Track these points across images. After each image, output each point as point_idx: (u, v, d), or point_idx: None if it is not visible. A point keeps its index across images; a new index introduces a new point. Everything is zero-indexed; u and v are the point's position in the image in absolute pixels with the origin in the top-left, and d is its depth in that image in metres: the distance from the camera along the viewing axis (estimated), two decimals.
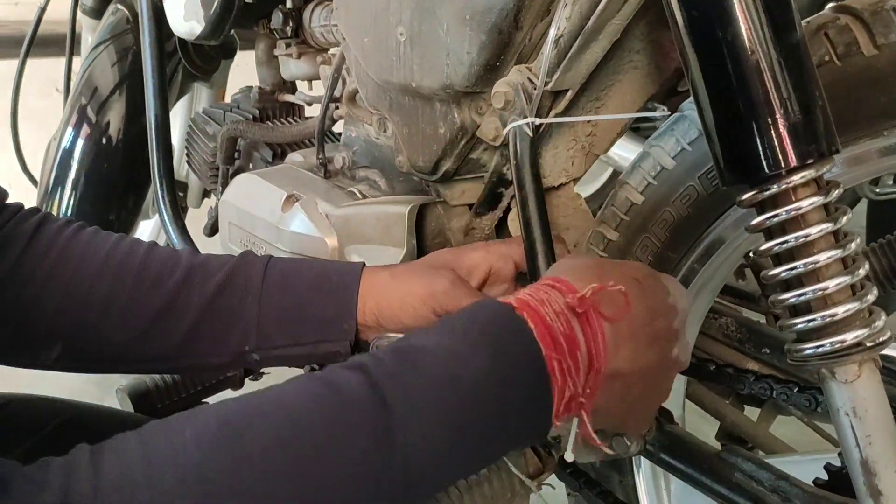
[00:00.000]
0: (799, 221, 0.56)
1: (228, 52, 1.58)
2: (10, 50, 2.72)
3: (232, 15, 1.15)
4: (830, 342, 0.56)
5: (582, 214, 0.86)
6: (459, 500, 0.69)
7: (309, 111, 1.34)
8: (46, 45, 1.87)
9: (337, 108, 1.06)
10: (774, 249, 0.57)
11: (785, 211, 0.55)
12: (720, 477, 0.69)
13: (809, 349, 0.57)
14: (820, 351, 0.56)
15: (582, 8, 0.68)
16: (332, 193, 1.00)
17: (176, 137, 1.58)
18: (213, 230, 1.32)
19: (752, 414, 1.08)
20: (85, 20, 1.70)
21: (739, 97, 0.55)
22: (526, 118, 0.74)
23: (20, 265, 0.71)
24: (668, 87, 0.81)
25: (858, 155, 0.66)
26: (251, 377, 1.10)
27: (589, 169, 0.85)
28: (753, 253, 0.59)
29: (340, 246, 0.95)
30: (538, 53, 0.75)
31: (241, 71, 1.68)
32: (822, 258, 0.55)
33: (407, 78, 0.81)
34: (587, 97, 0.79)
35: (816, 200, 0.55)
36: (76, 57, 1.73)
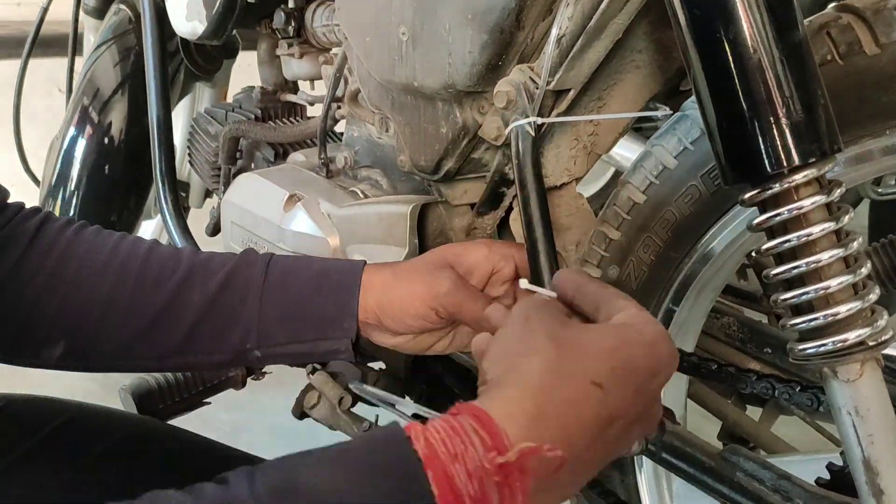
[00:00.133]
0: (801, 220, 0.56)
1: (230, 52, 1.58)
2: (12, 50, 2.73)
3: (234, 15, 1.16)
4: (832, 341, 0.56)
5: (584, 214, 0.86)
6: None
7: (311, 111, 1.34)
8: (49, 45, 1.87)
9: (339, 107, 1.06)
10: (776, 249, 0.57)
11: (787, 210, 0.56)
12: (722, 476, 0.69)
13: (811, 348, 0.57)
14: (822, 350, 0.56)
15: (584, 7, 0.68)
16: (334, 193, 1.00)
17: (178, 137, 1.58)
18: (215, 230, 1.32)
19: (753, 414, 1.08)
20: (87, 20, 1.70)
21: (742, 96, 0.55)
22: (528, 117, 0.74)
23: (22, 265, 0.71)
24: (670, 86, 0.81)
25: (860, 154, 0.66)
26: (253, 377, 1.10)
27: (591, 168, 0.86)
28: (756, 252, 0.59)
29: (342, 245, 0.95)
30: (540, 53, 0.75)
31: (242, 71, 1.68)
32: (824, 257, 0.55)
33: (409, 77, 0.81)
34: (589, 97, 0.79)
35: (818, 199, 0.55)
36: (78, 57, 1.73)
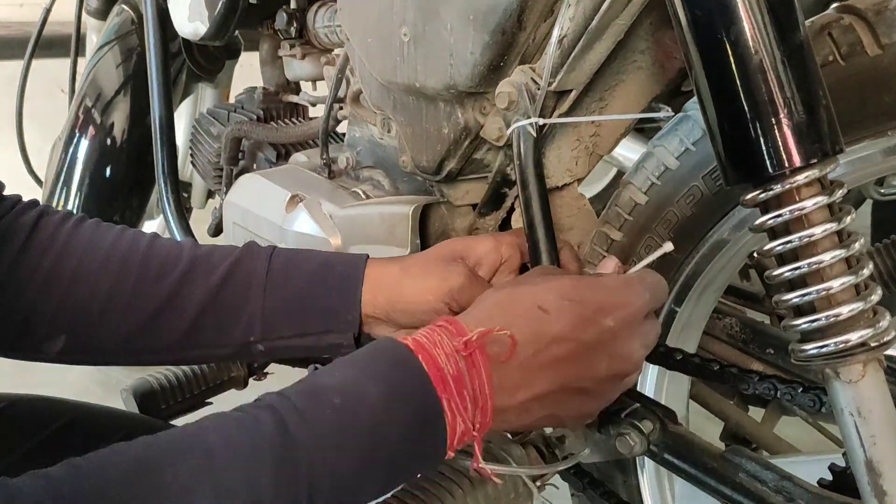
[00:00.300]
0: (803, 221, 0.56)
1: (232, 52, 1.59)
2: (15, 51, 2.74)
3: (236, 16, 1.16)
4: (835, 342, 0.56)
5: (586, 215, 0.86)
6: (462, 499, 0.69)
7: (313, 112, 1.34)
8: (51, 45, 1.87)
9: (341, 108, 1.06)
10: (778, 249, 0.57)
11: (789, 211, 0.55)
12: (724, 477, 0.68)
13: (813, 349, 0.57)
14: (824, 351, 0.56)
15: (585, 8, 0.68)
16: (336, 194, 1.00)
17: (180, 138, 1.58)
18: (217, 230, 1.32)
19: (755, 415, 1.08)
20: (90, 21, 1.70)
21: (743, 97, 0.55)
22: (529, 118, 0.74)
23: (21, 260, 0.71)
24: (671, 87, 0.81)
25: (862, 155, 0.66)
26: (255, 377, 1.10)
27: (592, 169, 0.86)
28: (758, 253, 0.59)
29: (344, 246, 0.95)
30: (542, 54, 0.75)
31: (244, 72, 1.68)
32: (826, 258, 0.55)
33: (411, 78, 0.81)
34: (591, 97, 0.79)
35: (820, 200, 0.55)
36: (81, 58, 1.73)
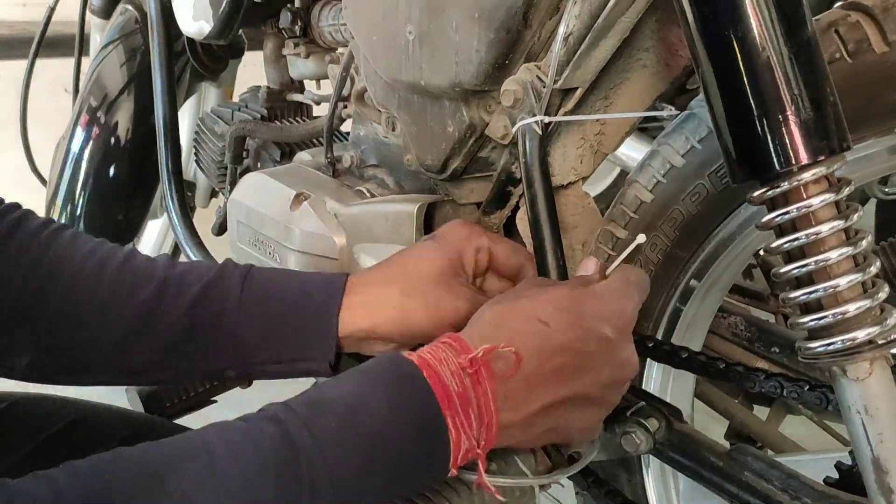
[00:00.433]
0: (810, 218, 0.55)
1: (236, 51, 1.58)
2: (19, 50, 2.74)
3: (240, 14, 1.16)
4: (842, 339, 0.55)
5: (590, 213, 0.86)
6: (469, 498, 0.69)
7: (317, 110, 1.34)
8: (55, 45, 1.87)
9: (345, 106, 1.06)
10: (785, 247, 0.57)
11: (796, 208, 0.55)
12: (730, 476, 0.68)
13: (820, 347, 0.56)
14: (831, 348, 0.56)
15: (591, 5, 0.68)
16: (340, 192, 1.00)
17: (184, 137, 1.58)
18: (221, 229, 1.33)
19: (760, 414, 1.07)
20: (94, 20, 1.70)
21: (750, 94, 0.54)
22: (535, 116, 0.74)
23: None
24: (677, 85, 0.81)
25: (868, 153, 0.66)
26: None
27: (597, 168, 0.85)
28: (764, 250, 0.59)
29: (349, 244, 0.95)
30: (547, 51, 0.74)
31: (248, 71, 1.68)
32: (833, 255, 0.55)
33: (416, 76, 0.81)
34: (596, 95, 0.79)
35: (828, 197, 0.55)
36: (85, 57, 1.73)
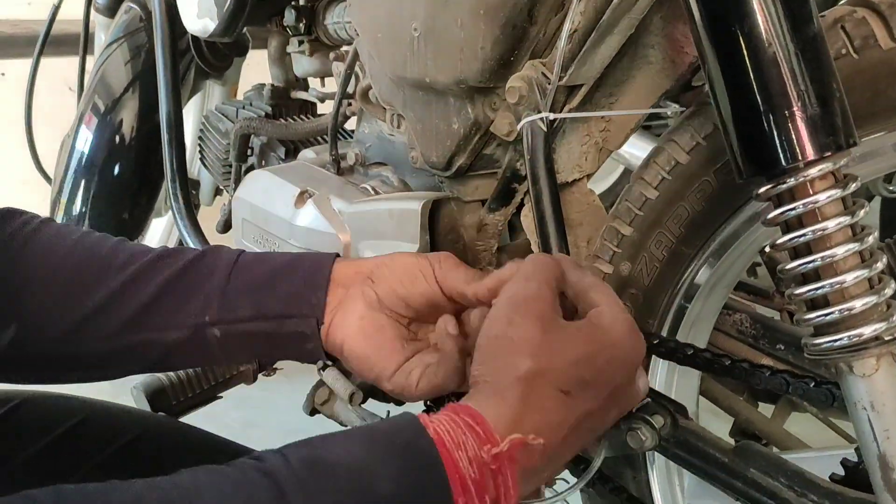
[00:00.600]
0: (816, 215, 0.55)
1: (241, 49, 1.59)
2: (23, 49, 2.74)
3: (245, 12, 1.16)
4: (848, 336, 0.55)
5: (595, 211, 0.86)
6: None
7: (321, 108, 1.34)
8: (60, 43, 1.88)
9: (350, 104, 1.06)
10: (791, 243, 0.57)
11: (802, 204, 0.55)
12: (736, 472, 0.68)
13: (826, 343, 0.56)
14: (837, 345, 0.56)
15: (597, 2, 0.68)
16: (345, 190, 1.00)
17: (189, 135, 1.58)
18: (226, 227, 1.33)
19: (765, 411, 1.07)
20: (98, 19, 1.70)
21: (757, 90, 0.54)
22: (540, 113, 0.74)
23: None
24: (682, 82, 0.81)
25: (874, 149, 0.66)
26: (264, 373, 1.10)
27: (601, 165, 0.85)
28: (770, 246, 0.59)
29: (353, 242, 0.95)
30: (552, 48, 0.74)
31: (253, 69, 1.68)
32: (839, 252, 0.55)
33: (421, 73, 0.81)
34: (601, 92, 0.78)
35: (834, 193, 0.55)
36: (89, 55, 1.73)
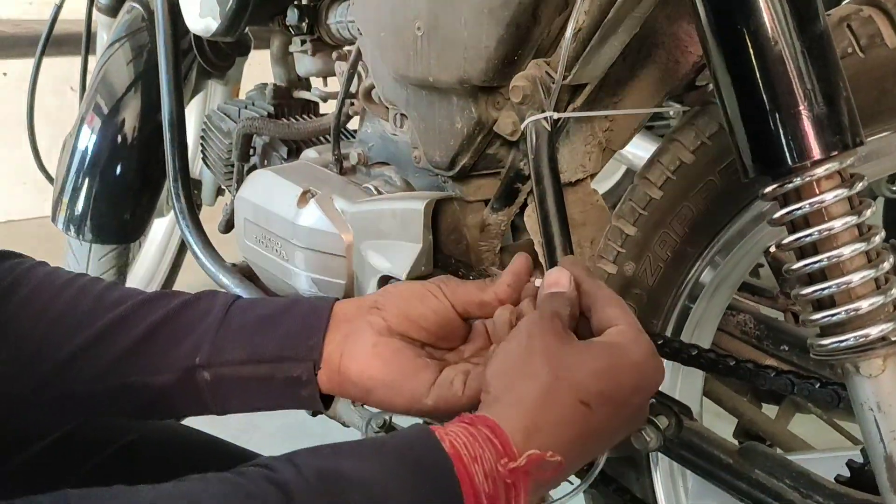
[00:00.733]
0: (822, 214, 0.55)
1: (243, 49, 1.58)
2: (26, 49, 2.74)
3: (247, 12, 1.16)
4: (854, 336, 0.55)
5: (598, 211, 0.86)
6: None
7: (324, 107, 1.34)
8: (62, 43, 1.88)
9: (352, 104, 1.06)
10: (797, 243, 0.56)
11: (808, 204, 0.55)
12: (740, 474, 0.68)
13: (833, 343, 0.56)
14: (843, 345, 0.56)
15: (601, 1, 0.68)
16: (347, 189, 1.00)
17: (191, 135, 1.58)
18: (228, 227, 1.32)
19: (769, 412, 1.07)
20: (100, 18, 1.70)
21: (763, 89, 0.54)
22: (544, 113, 0.74)
23: None
24: (686, 81, 0.80)
25: (880, 148, 0.66)
26: None
27: (605, 165, 0.85)
28: (776, 246, 0.59)
29: (356, 242, 0.95)
30: (556, 47, 0.74)
31: (255, 69, 1.68)
32: (845, 252, 0.55)
33: (424, 72, 0.81)
34: (605, 92, 0.78)
35: (840, 193, 0.55)
36: (92, 55, 1.73)
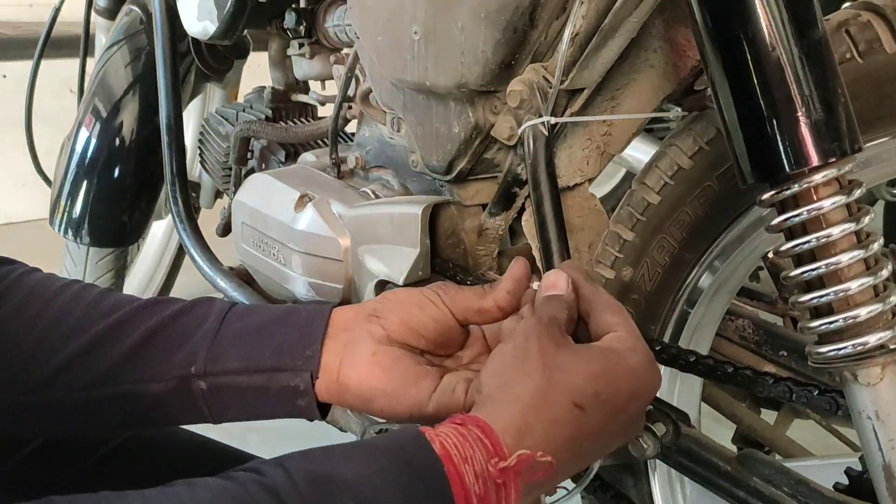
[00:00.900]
0: (820, 221, 0.55)
1: (241, 52, 1.58)
2: (24, 51, 2.74)
3: (245, 15, 1.15)
4: (852, 344, 0.55)
5: (597, 215, 0.85)
6: None
7: (322, 111, 1.34)
8: (60, 45, 1.87)
9: (350, 107, 1.06)
10: (795, 250, 0.56)
11: (806, 211, 0.55)
12: (738, 481, 0.68)
13: (831, 351, 0.56)
14: (842, 353, 0.55)
15: (598, 5, 0.68)
16: (345, 193, 1.00)
17: (189, 138, 1.58)
18: (225, 230, 1.32)
19: (768, 417, 1.06)
20: (99, 21, 1.70)
21: (760, 95, 0.54)
22: (541, 117, 0.73)
23: None
24: (684, 86, 0.80)
25: (879, 154, 0.65)
26: None
27: (604, 169, 0.85)
28: (774, 253, 0.58)
29: (353, 246, 0.94)
30: (554, 52, 0.74)
31: (253, 71, 1.68)
32: (844, 259, 0.55)
33: (421, 76, 0.81)
34: (603, 96, 0.78)
35: (838, 200, 0.54)
36: (90, 58, 1.73)
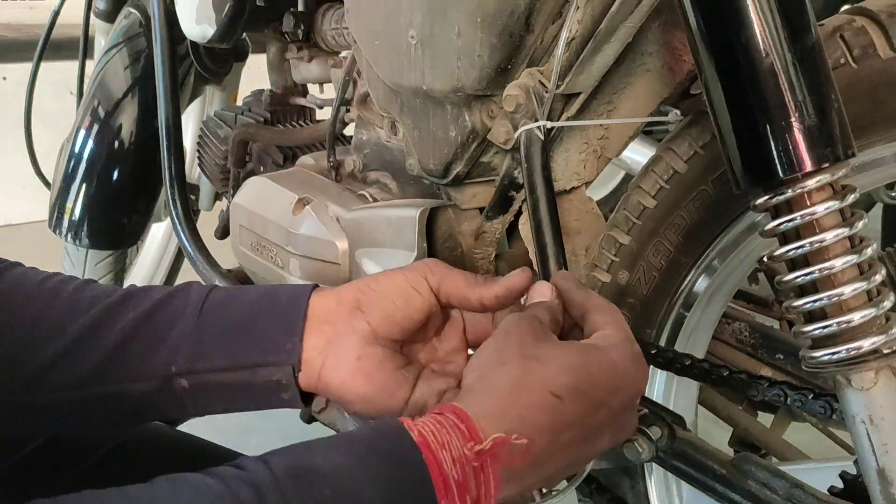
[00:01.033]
0: (814, 226, 0.55)
1: (240, 55, 1.58)
2: (24, 53, 2.74)
3: (243, 18, 1.16)
4: (846, 349, 0.55)
5: (594, 218, 0.86)
6: None
7: (320, 114, 1.34)
8: (60, 48, 1.87)
9: (348, 111, 1.06)
10: (789, 255, 0.56)
11: (800, 216, 0.55)
12: (734, 485, 0.68)
13: (825, 355, 0.56)
14: (835, 357, 0.55)
15: (594, 10, 0.68)
16: (342, 196, 1.00)
17: (188, 140, 1.58)
18: (223, 233, 1.32)
19: (764, 420, 1.07)
20: (98, 23, 1.70)
21: (754, 100, 0.54)
22: (537, 121, 0.74)
23: None
24: (680, 89, 0.80)
25: (874, 159, 0.66)
26: None
27: (601, 173, 0.85)
28: (768, 258, 0.58)
29: (351, 249, 0.94)
30: (550, 56, 0.74)
31: (252, 74, 1.68)
32: (837, 264, 0.55)
33: (418, 80, 0.81)
34: (599, 100, 0.78)
35: (832, 205, 0.54)
36: (89, 60, 1.73)
